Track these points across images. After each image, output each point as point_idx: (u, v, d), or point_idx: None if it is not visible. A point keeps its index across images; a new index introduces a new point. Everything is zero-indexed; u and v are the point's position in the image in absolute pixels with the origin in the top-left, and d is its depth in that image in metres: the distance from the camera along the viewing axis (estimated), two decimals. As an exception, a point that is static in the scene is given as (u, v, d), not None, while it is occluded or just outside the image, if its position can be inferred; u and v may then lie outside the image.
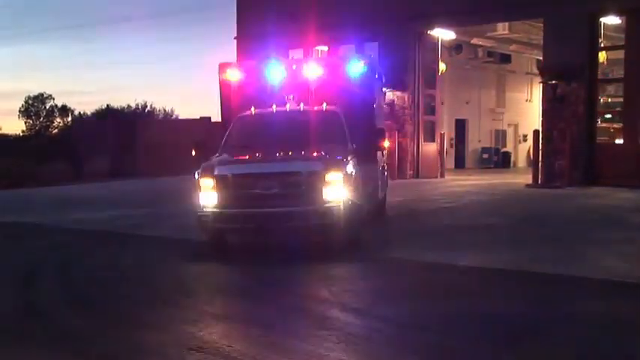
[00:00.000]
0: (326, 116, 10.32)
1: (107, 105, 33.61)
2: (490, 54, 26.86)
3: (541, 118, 19.07)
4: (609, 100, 20.75)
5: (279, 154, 9.54)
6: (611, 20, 18.67)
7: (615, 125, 19.80)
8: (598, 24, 18.31)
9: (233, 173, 9.00)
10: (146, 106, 34.39)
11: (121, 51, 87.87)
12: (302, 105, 10.42)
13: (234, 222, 9.03)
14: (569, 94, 18.11)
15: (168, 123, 30.87)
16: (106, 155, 27.67)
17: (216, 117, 26.16)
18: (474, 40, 25.03)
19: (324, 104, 10.31)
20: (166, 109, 35.03)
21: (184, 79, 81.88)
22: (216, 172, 8.92)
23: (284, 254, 9.36)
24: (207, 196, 8.85)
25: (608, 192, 15.79)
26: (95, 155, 27.58)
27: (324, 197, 8.71)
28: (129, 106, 34.00)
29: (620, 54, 18.78)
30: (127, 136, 28.72)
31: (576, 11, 17.99)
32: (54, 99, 51.68)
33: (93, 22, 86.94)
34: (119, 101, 44.59)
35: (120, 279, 8.27)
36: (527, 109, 29.08)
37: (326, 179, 8.74)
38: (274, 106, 10.37)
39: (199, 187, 8.92)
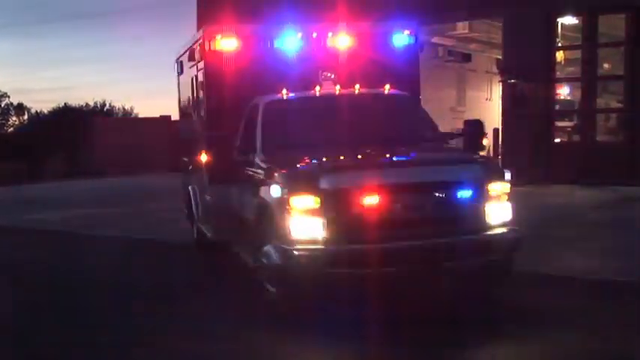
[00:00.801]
0: (401, 103, 7.88)
1: (65, 103, 33.46)
2: (451, 53, 27.07)
3: (501, 117, 19.34)
4: (568, 98, 21.20)
5: (390, 155, 6.68)
6: (568, 20, 19.00)
7: (572, 123, 20.15)
8: (555, 24, 18.61)
9: (362, 185, 5.81)
10: (105, 105, 34.27)
11: (77, 49, 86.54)
12: (357, 87, 7.72)
13: (364, 265, 5.63)
14: (528, 92, 18.39)
15: (127, 122, 30.91)
16: (63, 154, 27.38)
17: (177, 115, 25.79)
18: (435, 39, 24.86)
19: (387, 87, 7.78)
20: (125, 108, 35.07)
21: (144, 78, 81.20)
22: (324, 185, 5.74)
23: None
24: (307, 223, 5.68)
25: (567, 190, 16.09)
26: (52, 154, 27.30)
27: (487, 220, 6.01)
28: (87, 105, 33.85)
29: (577, 53, 19.12)
30: (85, 135, 28.31)
31: (534, 11, 18.21)
32: (9, 97, 50.73)
33: (49, 19, 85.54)
34: (77, 100, 44.02)
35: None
36: (488, 107, 29.32)
37: (490, 192, 6.02)
38: (318, 88, 7.74)
39: (288, 209, 5.74)
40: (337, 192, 5.74)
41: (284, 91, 7.52)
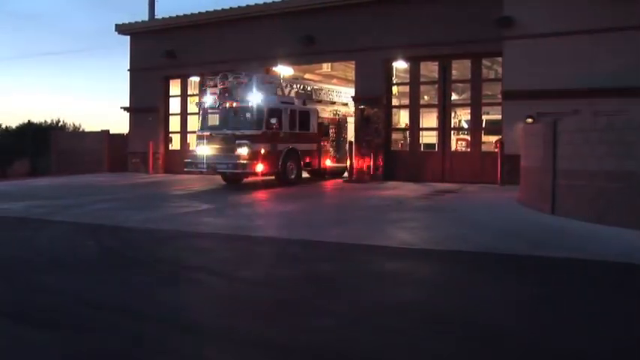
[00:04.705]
0: None
1: (28, 120, 38.06)
2: (320, 86, 31.50)
3: (354, 133, 23.50)
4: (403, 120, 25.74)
5: None
6: (400, 64, 23.20)
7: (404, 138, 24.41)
8: (391, 66, 23.12)
9: None
10: (59, 122, 39.42)
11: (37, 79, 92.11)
12: None
13: None
14: (373, 115, 22.91)
15: (76, 134, 35.87)
16: (27, 158, 32.60)
17: (114, 130, 31.26)
18: (307, 75, 28.78)
19: None
20: (75, 124, 40.09)
21: (91, 101, 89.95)
22: None
23: None
24: None
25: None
26: (19, 158, 32.43)
27: None
28: (45, 122, 38.76)
29: (407, 88, 23.44)
30: (43, 144, 33.10)
31: (376, 57, 22.57)
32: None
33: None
34: (38, 118, 46.21)
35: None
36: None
37: None
38: None
39: None
40: None
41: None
